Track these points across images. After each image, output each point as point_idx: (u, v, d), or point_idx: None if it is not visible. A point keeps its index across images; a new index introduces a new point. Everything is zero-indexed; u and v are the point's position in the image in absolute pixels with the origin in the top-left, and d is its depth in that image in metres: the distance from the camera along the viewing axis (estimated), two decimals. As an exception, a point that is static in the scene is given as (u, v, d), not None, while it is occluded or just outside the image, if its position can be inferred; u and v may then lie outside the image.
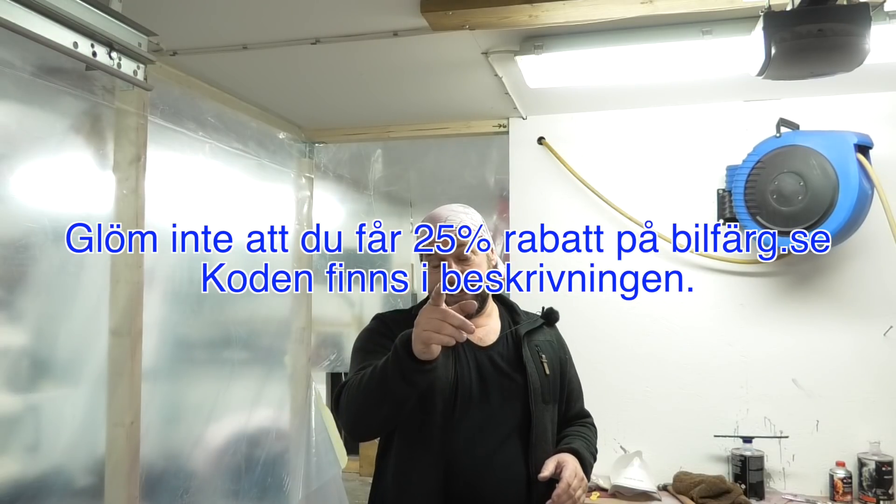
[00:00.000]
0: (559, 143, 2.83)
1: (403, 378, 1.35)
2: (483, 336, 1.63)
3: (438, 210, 1.64)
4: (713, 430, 2.59)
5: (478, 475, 1.51)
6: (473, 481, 1.50)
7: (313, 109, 2.86)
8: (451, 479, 1.50)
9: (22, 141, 1.70)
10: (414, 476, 1.53)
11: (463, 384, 1.55)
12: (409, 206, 4.39)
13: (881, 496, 2.36)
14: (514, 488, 1.53)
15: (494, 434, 1.54)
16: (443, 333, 1.28)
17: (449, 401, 1.52)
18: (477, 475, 1.51)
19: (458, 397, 1.53)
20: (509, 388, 1.58)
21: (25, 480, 1.69)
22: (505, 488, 1.52)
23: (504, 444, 1.54)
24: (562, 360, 1.71)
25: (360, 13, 1.82)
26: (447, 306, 1.36)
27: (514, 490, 1.53)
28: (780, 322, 2.58)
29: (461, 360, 1.57)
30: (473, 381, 1.56)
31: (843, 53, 1.39)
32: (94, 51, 1.43)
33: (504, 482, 1.52)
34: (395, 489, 1.55)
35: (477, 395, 1.55)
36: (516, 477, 1.54)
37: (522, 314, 1.73)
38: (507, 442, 1.55)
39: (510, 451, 1.55)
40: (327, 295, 3.34)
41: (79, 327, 1.88)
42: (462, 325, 1.29)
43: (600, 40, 1.96)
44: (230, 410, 2.56)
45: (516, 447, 1.55)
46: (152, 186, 2.02)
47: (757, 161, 2.40)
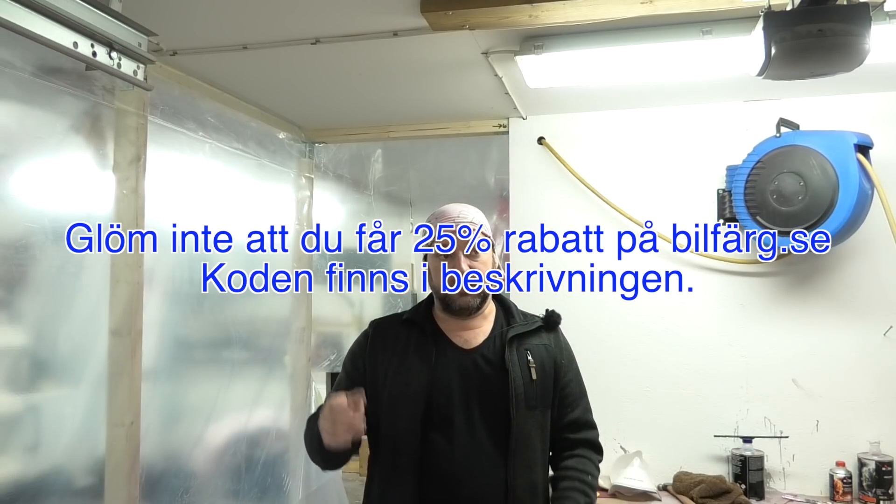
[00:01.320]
0: (559, 143, 2.83)
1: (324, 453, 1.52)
2: (470, 339, 1.62)
3: (448, 207, 1.64)
4: (713, 430, 2.59)
5: (455, 479, 1.50)
6: (451, 485, 1.50)
7: (313, 109, 2.86)
8: (428, 483, 1.50)
9: (22, 141, 1.70)
10: (395, 479, 1.54)
11: (439, 390, 1.54)
12: (409, 206, 4.39)
13: (881, 496, 2.36)
14: (492, 494, 1.51)
15: (473, 438, 1.53)
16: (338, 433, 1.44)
17: (422, 407, 1.53)
18: (454, 479, 1.50)
19: (433, 404, 1.53)
20: (490, 391, 1.56)
21: (25, 480, 1.70)
22: (482, 494, 1.51)
23: (483, 448, 1.53)
24: (557, 365, 1.65)
25: (359, 13, 1.82)
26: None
27: (492, 496, 1.51)
28: (780, 322, 2.58)
29: (442, 363, 1.57)
30: (454, 383, 1.55)
31: (843, 53, 1.39)
32: (94, 51, 1.43)
33: (482, 487, 1.51)
34: (379, 493, 1.58)
35: (457, 397, 1.54)
36: (494, 483, 1.52)
37: (520, 316, 1.69)
38: (486, 447, 1.53)
39: (489, 456, 1.53)
40: (327, 295, 3.34)
41: (79, 327, 1.88)
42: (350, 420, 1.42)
43: (600, 40, 1.96)
44: (230, 410, 2.56)
45: (495, 453, 1.53)
46: (152, 186, 2.02)
47: (757, 161, 2.40)
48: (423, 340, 1.60)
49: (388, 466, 1.56)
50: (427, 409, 1.53)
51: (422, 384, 1.54)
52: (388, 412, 1.56)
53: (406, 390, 1.54)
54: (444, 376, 1.56)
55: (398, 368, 1.58)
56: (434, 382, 1.54)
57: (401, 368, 1.58)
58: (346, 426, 1.42)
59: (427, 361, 1.56)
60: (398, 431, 1.54)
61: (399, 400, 1.55)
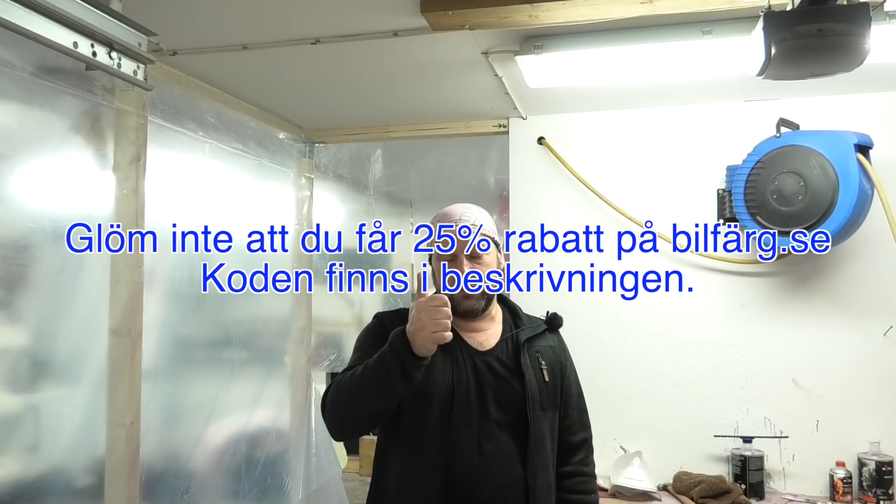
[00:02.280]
0: (559, 143, 2.83)
1: (403, 374, 1.38)
2: (483, 341, 1.62)
3: (450, 207, 1.64)
4: (713, 430, 2.59)
5: (476, 480, 1.50)
6: (472, 486, 1.50)
7: (313, 109, 2.86)
8: (449, 484, 1.50)
9: (22, 141, 1.70)
10: (412, 480, 1.53)
11: (460, 389, 1.54)
12: (409, 206, 4.39)
13: (881, 496, 2.36)
14: (513, 494, 1.52)
15: (492, 439, 1.54)
16: (442, 328, 1.37)
17: (446, 405, 1.52)
18: (475, 480, 1.50)
19: (454, 402, 1.53)
20: (507, 393, 1.57)
21: (25, 480, 1.69)
22: (503, 494, 1.52)
23: (502, 449, 1.54)
24: (562, 366, 1.68)
25: (360, 13, 1.82)
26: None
27: (513, 495, 1.52)
28: (780, 322, 2.58)
29: (459, 365, 1.57)
30: (471, 385, 1.55)
31: (843, 53, 1.39)
32: (94, 51, 1.43)
33: (503, 487, 1.52)
34: (396, 494, 1.55)
35: (475, 399, 1.54)
36: (515, 482, 1.53)
37: (525, 318, 1.70)
38: (505, 447, 1.54)
39: (508, 456, 1.54)
40: (327, 295, 3.34)
41: (79, 327, 1.88)
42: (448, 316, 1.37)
43: (600, 40, 1.96)
44: (230, 410, 2.56)
45: (514, 453, 1.54)
46: (152, 186, 2.02)
47: (757, 161, 2.40)
48: None
49: (409, 461, 1.54)
50: (447, 409, 1.52)
51: (445, 381, 1.53)
52: (411, 406, 1.53)
53: (431, 387, 1.52)
54: (463, 376, 1.56)
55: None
56: (456, 381, 1.54)
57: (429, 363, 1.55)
58: (440, 325, 1.36)
59: (451, 358, 1.56)
60: (422, 427, 1.53)
61: (424, 396, 1.52)
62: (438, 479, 1.49)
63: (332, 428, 1.55)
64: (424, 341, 1.37)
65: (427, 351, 1.38)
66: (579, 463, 1.68)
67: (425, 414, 1.52)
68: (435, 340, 1.38)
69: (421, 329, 1.38)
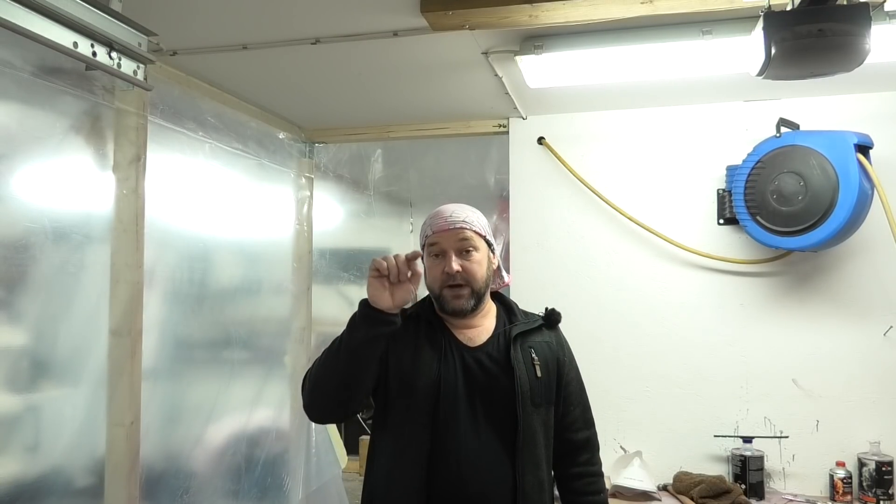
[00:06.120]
0: (559, 143, 2.83)
1: (363, 318, 1.45)
2: (474, 336, 1.62)
3: (442, 207, 1.64)
4: (713, 430, 2.59)
5: (462, 476, 1.50)
6: (458, 482, 1.50)
7: (313, 109, 2.86)
8: (435, 479, 1.50)
9: (22, 141, 1.70)
10: (397, 473, 1.53)
11: (447, 384, 1.54)
12: (409, 206, 4.38)
13: (881, 496, 2.36)
14: (500, 492, 1.52)
15: (480, 435, 1.53)
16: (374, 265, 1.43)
17: (432, 400, 1.53)
18: (461, 476, 1.50)
19: (441, 396, 1.53)
20: (496, 389, 1.56)
21: (25, 480, 1.69)
22: (490, 490, 1.51)
23: (490, 445, 1.53)
24: (560, 363, 1.67)
25: (359, 13, 1.82)
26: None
27: (500, 492, 1.52)
28: (780, 322, 2.58)
29: (447, 360, 1.57)
30: (459, 380, 1.55)
31: (843, 53, 1.40)
32: (94, 51, 1.43)
33: (489, 484, 1.51)
34: (382, 487, 1.56)
35: (462, 394, 1.54)
36: (502, 479, 1.52)
37: (521, 315, 1.70)
38: (493, 444, 1.53)
39: (496, 453, 1.53)
40: (327, 295, 3.34)
41: (79, 327, 1.88)
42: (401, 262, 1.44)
43: (600, 40, 1.96)
44: (230, 410, 2.56)
45: (502, 450, 1.53)
46: (152, 186, 2.02)
47: (757, 161, 2.40)
48: (432, 333, 1.61)
49: (394, 455, 1.55)
50: (433, 403, 1.53)
51: (433, 377, 1.54)
52: (398, 398, 1.55)
53: (417, 381, 1.54)
54: (451, 371, 1.56)
55: (412, 357, 1.57)
56: (443, 376, 1.54)
57: (415, 357, 1.57)
58: (373, 266, 1.43)
59: (438, 353, 1.57)
60: (408, 420, 1.53)
61: (410, 388, 1.54)
62: (422, 473, 1.50)
63: (305, 402, 1.56)
64: (369, 287, 1.44)
65: (377, 298, 1.43)
66: (586, 463, 1.68)
67: (411, 407, 1.53)
68: (375, 286, 1.43)
69: (371, 293, 1.44)
